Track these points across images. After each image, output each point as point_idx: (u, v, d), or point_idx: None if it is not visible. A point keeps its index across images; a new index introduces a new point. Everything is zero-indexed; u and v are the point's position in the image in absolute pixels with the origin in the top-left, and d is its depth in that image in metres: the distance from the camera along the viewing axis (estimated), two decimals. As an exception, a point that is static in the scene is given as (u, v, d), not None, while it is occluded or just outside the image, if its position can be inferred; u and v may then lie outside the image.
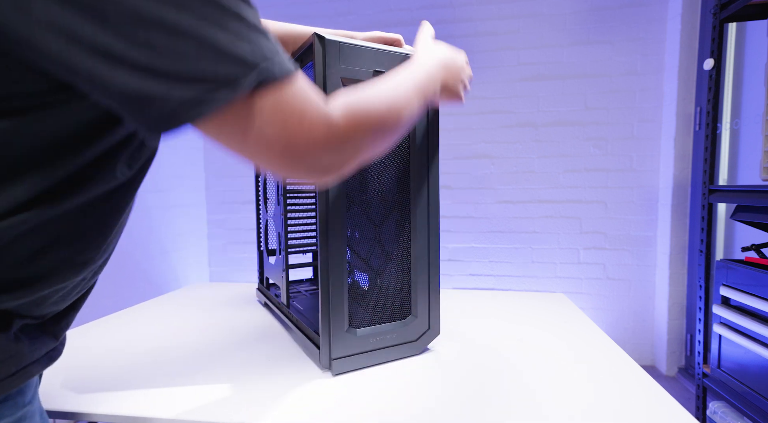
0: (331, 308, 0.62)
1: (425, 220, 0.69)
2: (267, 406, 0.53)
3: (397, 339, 0.68)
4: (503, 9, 2.10)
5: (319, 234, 0.62)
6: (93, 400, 0.55)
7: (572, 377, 0.61)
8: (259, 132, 0.33)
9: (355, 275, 0.66)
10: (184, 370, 0.64)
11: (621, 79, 2.02)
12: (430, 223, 0.70)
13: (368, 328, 0.65)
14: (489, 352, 0.71)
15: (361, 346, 0.64)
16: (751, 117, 1.64)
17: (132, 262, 1.90)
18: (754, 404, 1.12)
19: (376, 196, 0.67)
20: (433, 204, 0.70)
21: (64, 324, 0.42)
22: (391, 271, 0.69)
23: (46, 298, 0.38)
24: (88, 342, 0.77)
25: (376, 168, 0.66)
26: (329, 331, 0.62)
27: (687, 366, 1.97)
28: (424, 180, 0.68)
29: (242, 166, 2.44)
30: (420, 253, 0.69)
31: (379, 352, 0.66)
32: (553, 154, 2.11)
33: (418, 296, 0.69)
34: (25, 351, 0.36)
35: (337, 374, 0.62)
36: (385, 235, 0.68)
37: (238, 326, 0.85)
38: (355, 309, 0.65)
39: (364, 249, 0.66)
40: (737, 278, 1.19)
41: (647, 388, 0.58)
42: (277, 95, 0.34)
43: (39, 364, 0.38)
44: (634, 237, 2.06)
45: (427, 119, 0.67)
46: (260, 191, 0.99)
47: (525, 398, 0.55)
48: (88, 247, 0.39)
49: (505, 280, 2.19)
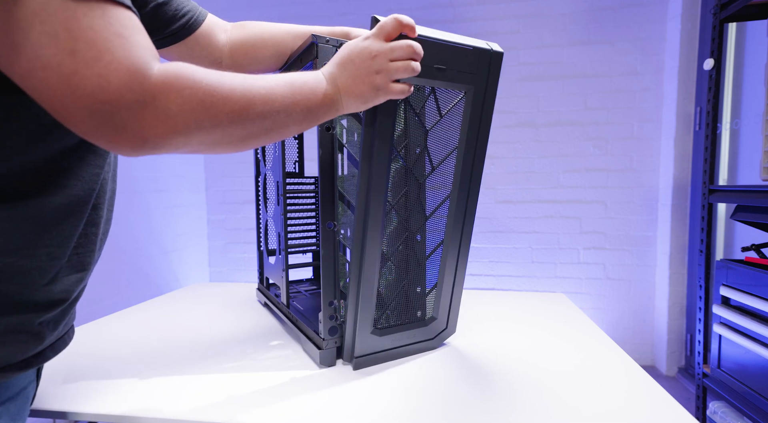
0: (360, 310, 0.62)
1: (460, 225, 0.68)
2: (266, 406, 0.53)
3: (415, 338, 0.70)
4: (503, 9, 2.10)
5: (354, 237, 0.61)
6: (93, 400, 0.55)
7: (572, 377, 0.61)
8: (35, 50, 0.27)
9: (380, 281, 0.66)
10: (184, 370, 0.64)
11: (621, 79, 2.02)
12: (464, 229, 0.68)
13: (391, 335, 0.67)
14: (489, 352, 0.71)
15: (380, 346, 0.66)
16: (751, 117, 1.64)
17: (132, 262, 1.90)
18: (754, 404, 1.12)
19: (418, 203, 0.67)
20: (471, 205, 0.68)
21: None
22: (418, 275, 0.69)
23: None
24: (87, 342, 0.76)
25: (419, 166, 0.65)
26: (354, 331, 0.63)
27: (687, 366, 1.97)
28: (466, 178, 0.66)
29: (242, 166, 2.44)
30: (451, 255, 0.69)
31: (396, 350, 0.68)
32: (553, 154, 2.10)
33: (441, 298, 0.70)
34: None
35: (357, 369, 0.65)
36: (412, 237, 0.68)
37: (238, 326, 0.85)
38: (379, 313, 0.66)
39: (394, 252, 0.67)
40: (737, 278, 1.19)
41: (647, 388, 0.58)
42: (77, 13, 0.28)
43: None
44: (634, 237, 2.06)
45: (473, 108, 0.63)
46: (260, 191, 0.99)
47: (525, 398, 0.55)
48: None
49: (505, 280, 2.19)
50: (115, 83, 0.30)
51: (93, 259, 0.48)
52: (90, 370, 0.64)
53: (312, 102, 0.46)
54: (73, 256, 0.44)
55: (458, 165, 0.65)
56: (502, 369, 0.64)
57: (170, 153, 0.39)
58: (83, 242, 0.45)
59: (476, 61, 0.60)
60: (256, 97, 0.41)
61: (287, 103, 0.44)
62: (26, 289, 0.40)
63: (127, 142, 0.33)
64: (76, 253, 0.45)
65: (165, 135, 0.35)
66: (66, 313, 0.46)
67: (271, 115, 0.42)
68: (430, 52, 0.56)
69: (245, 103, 0.40)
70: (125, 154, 0.35)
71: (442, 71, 0.58)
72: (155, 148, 0.35)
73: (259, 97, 0.41)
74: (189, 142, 0.37)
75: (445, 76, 0.58)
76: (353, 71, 0.49)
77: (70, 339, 0.49)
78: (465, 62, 0.60)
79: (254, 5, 2.34)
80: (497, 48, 0.62)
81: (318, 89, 0.47)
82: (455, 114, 0.64)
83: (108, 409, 0.53)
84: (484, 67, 0.61)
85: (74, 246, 0.44)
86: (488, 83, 0.62)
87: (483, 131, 0.65)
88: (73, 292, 0.45)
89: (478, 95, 0.62)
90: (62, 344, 0.48)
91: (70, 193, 0.41)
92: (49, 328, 0.43)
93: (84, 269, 0.46)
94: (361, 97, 0.50)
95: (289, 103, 0.44)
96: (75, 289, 0.45)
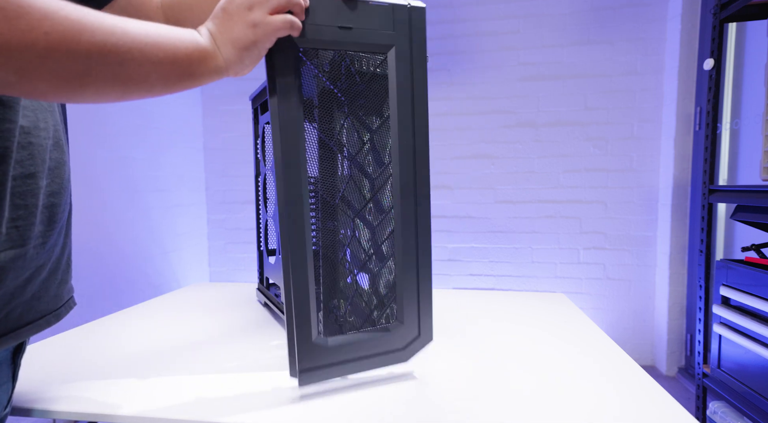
0: (295, 313, 0.54)
1: (412, 208, 0.58)
2: (266, 406, 0.53)
3: (378, 347, 0.59)
4: (503, 9, 2.10)
5: (280, 221, 0.54)
6: (92, 400, 0.55)
7: (572, 377, 0.61)
8: None
9: (322, 274, 0.58)
10: (184, 370, 0.64)
11: (621, 79, 2.02)
12: (418, 213, 0.59)
13: (341, 337, 0.57)
14: (488, 352, 0.71)
15: (333, 356, 0.56)
16: (751, 117, 1.64)
17: (132, 263, 1.90)
18: (754, 404, 1.12)
19: (351, 182, 0.59)
20: (422, 187, 0.59)
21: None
22: (371, 270, 0.61)
23: None
24: (87, 342, 0.77)
25: (349, 142, 0.58)
26: (294, 339, 0.54)
27: (687, 366, 1.97)
28: (409, 147, 0.58)
29: (242, 166, 2.44)
30: (406, 247, 0.59)
31: (356, 362, 0.58)
32: (553, 154, 2.11)
33: (404, 299, 0.60)
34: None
35: (303, 385, 0.56)
36: (363, 225, 0.60)
37: (238, 326, 0.85)
38: (327, 314, 0.59)
39: (333, 243, 0.59)
40: (737, 278, 1.19)
41: (647, 388, 0.58)
42: None
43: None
44: (634, 237, 2.06)
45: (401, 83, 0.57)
46: (260, 191, 0.99)
47: (524, 398, 0.55)
48: None
49: (505, 280, 2.19)
50: None
51: (32, 233, 0.44)
52: (90, 370, 0.64)
53: (179, 48, 0.41)
54: (12, 229, 0.41)
55: (393, 137, 0.57)
56: (501, 369, 0.64)
57: None
58: (21, 214, 0.42)
59: (391, 19, 0.55)
60: (98, 25, 0.35)
61: (147, 42, 0.38)
62: None
63: None
64: (15, 226, 0.42)
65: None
66: (6, 298, 0.41)
67: (119, 51, 0.36)
68: (328, 9, 0.51)
69: (78, 26, 0.34)
70: None
71: (349, 31, 0.53)
72: None
73: (98, 24, 0.35)
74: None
75: (352, 37, 0.53)
76: (230, 24, 0.45)
77: (18, 338, 0.44)
78: (376, 21, 0.54)
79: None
80: (416, 3, 0.56)
81: (186, 35, 0.42)
82: (378, 80, 0.58)
83: (108, 410, 0.53)
84: (403, 25, 0.55)
85: (8, 218, 0.41)
86: (413, 42, 0.56)
87: (418, 97, 0.57)
88: (8, 270, 0.41)
89: (403, 56, 0.56)
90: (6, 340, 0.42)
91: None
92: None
93: (23, 244, 0.42)
94: (239, 40, 0.45)
95: (150, 42, 0.38)
96: (10, 267, 0.41)
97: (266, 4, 0.45)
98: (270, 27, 0.45)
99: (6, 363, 0.45)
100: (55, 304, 0.50)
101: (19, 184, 0.42)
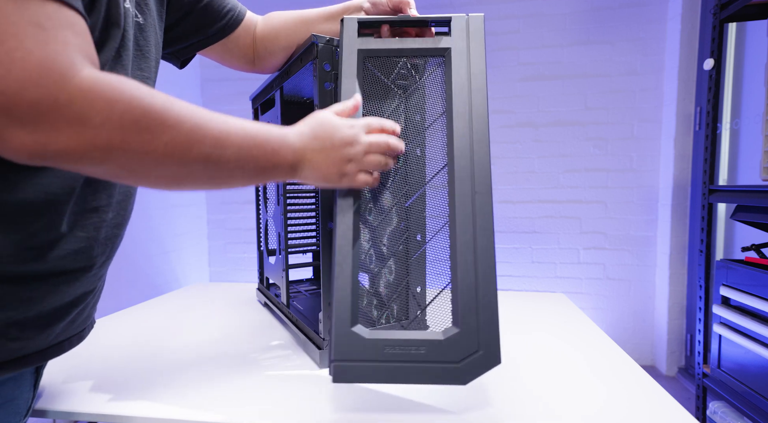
0: (334, 298, 0.49)
1: (468, 194, 0.52)
2: (266, 406, 0.53)
3: (426, 355, 0.49)
4: (503, 9, 2.10)
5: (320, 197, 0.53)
6: (92, 400, 0.55)
7: (572, 377, 0.61)
8: None
9: (370, 259, 0.54)
10: (184, 370, 0.64)
11: (621, 79, 2.02)
12: (476, 200, 0.52)
13: (382, 331, 0.50)
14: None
15: (371, 351, 0.49)
16: (751, 117, 1.64)
17: (132, 262, 1.90)
18: (754, 404, 1.12)
19: (404, 177, 0.57)
20: (482, 174, 0.53)
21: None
22: (417, 270, 0.58)
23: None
24: (87, 342, 0.77)
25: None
26: (332, 324, 0.49)
27: (687, 366, 1.97)
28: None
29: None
30: (462, 242, 0.51)
31: (399, 366, 0.48)
32: (553, 154, 2.10)
33: (459, 301, 0.50)
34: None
35: (337, 382, 0.48)
36: (415, 211, 0.57)
37: (238, 326, 0.85)
38: (367, 304, 0.55)
39: (383, 226, 0.56)
40: (737, 278, 1.19)
41: (647, 388, 0.58)
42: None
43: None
44: (634, 237, 2.06)
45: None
46: (260, 191, 0.99)
47: (524, 398, 0.55)
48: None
49: (505, 280, 2.19)
50: (16, 74, 0.28)
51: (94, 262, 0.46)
52: (90, 370, 0.64)
53: (270, 162, 0.43)
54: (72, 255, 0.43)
55: (450, 131, 0.54)
56: (501, 369, 0.64)
57: (80, 168, 0.33)
58: (83, 247, 0.44)
59: (450, 28, 0.58)
60: (207, 137, 0.37)
61: (242, 154, 0.40)
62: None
63: (19, 142, 0.30)
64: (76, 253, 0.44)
65: (77, 146, 0.31)
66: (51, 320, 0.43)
67: (218, 161, 0.39)
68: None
69: (191, 138, 0.36)
70: (18, 157, 0.31)
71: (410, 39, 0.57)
72: (59, 157, 0.31)
73: (210, 136, 0.37)
74: (107, 162, 0.33)
75: (414, 43, 0.57)
76: (328, 151, 0.47)
77: (59, 351, 0.46)
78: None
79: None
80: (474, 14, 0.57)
81: (281, 152, 0.44)
82: (435, 80, 0.59)
83: (108, 409, 0.53)
84: (461, 30, 0.57)
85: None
86: (470, 40, 0.56)
87: (477, 89, 0.55)
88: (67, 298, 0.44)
89: (460, 53, 0.56)
90: (53, 352, 0.44)
91: (42, 190, 0.38)
92: (21, 331, 0.40)
93: (86, 271, 0.45)
94: (325, 178, 0.48)
95: (244, 155, 0.40)
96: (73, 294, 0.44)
97: (368, 148, 0.49)
98: (356, 181, 0.49)
99: (29, 371, 0.46)
100: (82, 326, 0.50)
101: (84, 215, 0.44)
